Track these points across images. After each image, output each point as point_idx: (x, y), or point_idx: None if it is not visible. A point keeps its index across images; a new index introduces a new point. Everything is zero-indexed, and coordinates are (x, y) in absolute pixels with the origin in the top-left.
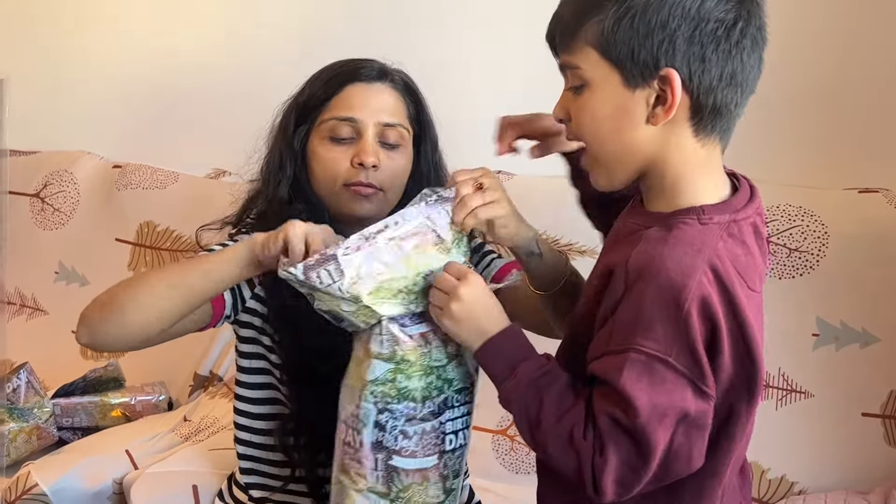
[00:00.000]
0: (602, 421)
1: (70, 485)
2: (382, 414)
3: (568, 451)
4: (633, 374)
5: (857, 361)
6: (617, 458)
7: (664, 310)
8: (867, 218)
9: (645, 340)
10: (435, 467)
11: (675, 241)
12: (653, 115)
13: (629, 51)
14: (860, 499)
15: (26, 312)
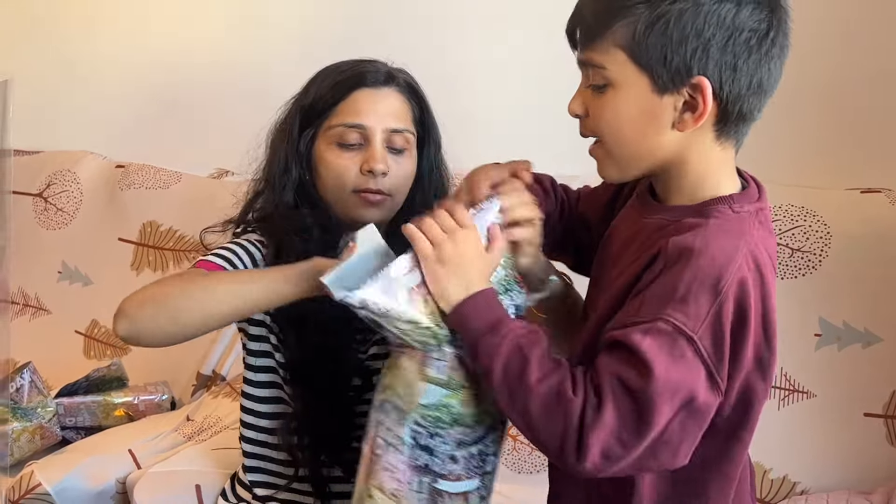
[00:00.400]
0: (607, 380)
1: (73, 484)
2: (433, 438)
3: (553, 410)
4: (655, 342)
5: (859, 361)
6: (613, 419)
7: (702, 288)
8: (869, 218)
9: (675, 312)
10: (476, 490)
11: (717, 226)
12: (680, 120)
13: (661, 56)
14: (862, 499)
15: (29, 312)
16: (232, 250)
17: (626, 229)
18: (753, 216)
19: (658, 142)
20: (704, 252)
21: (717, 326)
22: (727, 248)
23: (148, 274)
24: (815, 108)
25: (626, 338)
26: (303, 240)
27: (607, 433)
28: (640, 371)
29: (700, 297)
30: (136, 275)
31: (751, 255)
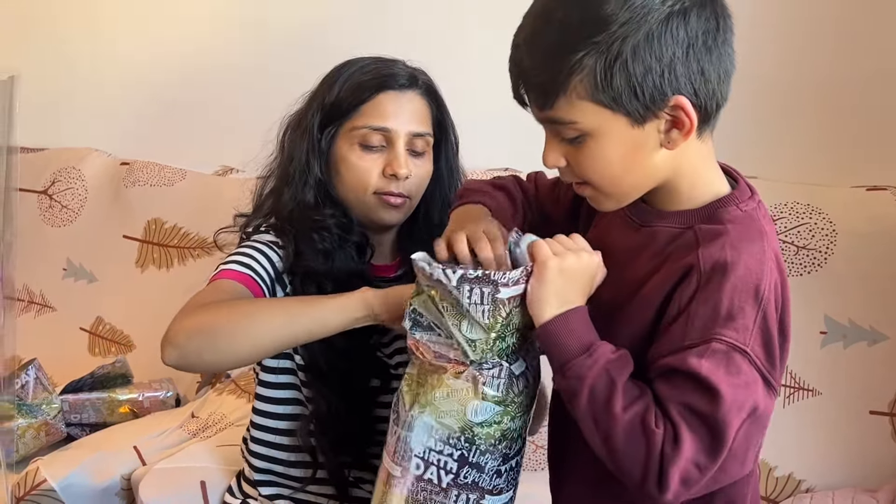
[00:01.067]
0: (676, 410)
1: (78, 480)
2: (483, 455)
3: (637, 440)
4: (713, 363)
5: (864, 359)
6: (692, 448)
7: (745, 300)
8: (875, 215)
9: (726, 330)
10: (511, 500)
11: (737, 232)
12: (668, 140)
13: (631, 93)
14: (868, 497)
15: (34, 309)
16: (251, 256)
17: (623, 237)
18: (758, 211)
19: (651, 166)
20: (738, 263)
21: (764, 332)
22: (756, 253)
23: (152, 271)
24: (820, 106)
25: (684, 364)
26: (321, 238)
27: (686, 462)
28: (707, 396)
29: (745, 308)
30: (140, 272)
31: (773, 255)
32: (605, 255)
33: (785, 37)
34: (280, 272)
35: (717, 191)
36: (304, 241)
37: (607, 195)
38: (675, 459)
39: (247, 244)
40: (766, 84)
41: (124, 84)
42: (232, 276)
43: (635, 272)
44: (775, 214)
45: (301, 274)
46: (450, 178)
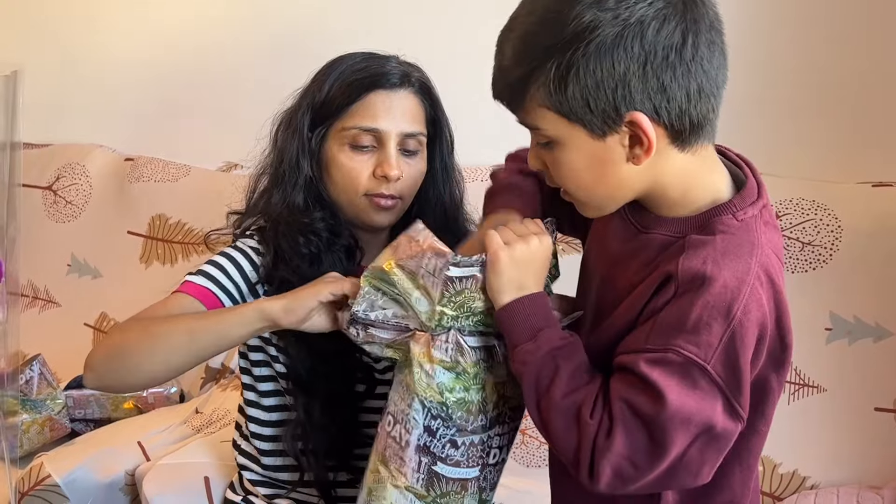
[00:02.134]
0: (618, 406)
1: (83, 476)
2: (435, 420)
3: (571, 427)
4: (665, 372)
5: (870, 356)
6: (624, 445)
7: (713, 316)
8: (881, 212)
9: (686, 344)
10: (475, 479)
11: (724, 244)
12: (633, 156)
13: (584, 105)
14: (873, 493)
15: (39, 304)
16: (220, 266)
17: (621, 240)
18: (758, 219)
19: (621, 179)
20: (716, 279)
21: (730, 352)
22: (739, 270)
23: (157, 267)
24: (826, 102)
25: (635, 365)
26: (308, 242)
27: (618, 458)
28: (651, 397)
29: (712, 325)
30: (144, 268)
31: (763, 271)
32: (603, 253)
33: (792, 34)
34: (255, 282)
35: (715, 196)
36: (289, 245)
37: (583, 204)
38: (605, 453)
39: (224, 252)
40: (773, 80)
41: (128, 80)
42: (191, 290)
43: (627, 278)
44: (780, 210)
45: (277, 283)
46: (445, 177)
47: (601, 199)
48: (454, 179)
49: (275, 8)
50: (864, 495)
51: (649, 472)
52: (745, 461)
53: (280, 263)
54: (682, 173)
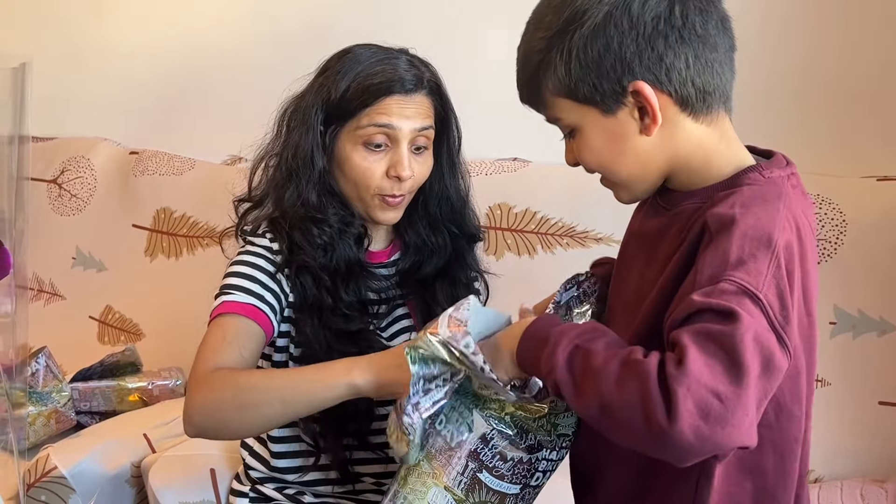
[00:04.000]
0: (685, 337)
1: (89, 468)
2: (492, 431)
3: (627, 377)
4: (724, 297)
5: (874, 350)
6: (702, 369)
7: (755, 248)
8: (886, 206)
9: (736, 272)
10: (514, 496)
11: (751, 192)
12: (644, 127)
13: (591, 86)
14: (877, 487)
15: (44, 298)
16: (245, 275)
17: (652, 222)
18: (786, 180)
19: (639, 154)
20: (746, 215)
21: (779, 282)
22: (768, 209)
23: (161, 260)
24: (831, 96)
25: (692, 305)
26: (321, 233)
27: (698, 384)
28: (721, 318)
29: (756, 255)
30: (149, 261)
31: (792, 218)
32: (640, 242)
33: (796, 28)
34: (274, 272)
35: (739, 164)
36: (303, 236)
37: (615, 185)
38: (682, 381)
39: (240, 259)
40: (777, 74)
41: (133, 73)
42: (235, 309)
43: (664, 251)
44: None
45: (295, 268)
46: (451, 172)
47: (628, 178)
48: (461, 175)
49: (280, 1)
50: (868, 489)
51: (733, 402)
52: (778, 445)
53: (296, 250)
54: (699, 144)
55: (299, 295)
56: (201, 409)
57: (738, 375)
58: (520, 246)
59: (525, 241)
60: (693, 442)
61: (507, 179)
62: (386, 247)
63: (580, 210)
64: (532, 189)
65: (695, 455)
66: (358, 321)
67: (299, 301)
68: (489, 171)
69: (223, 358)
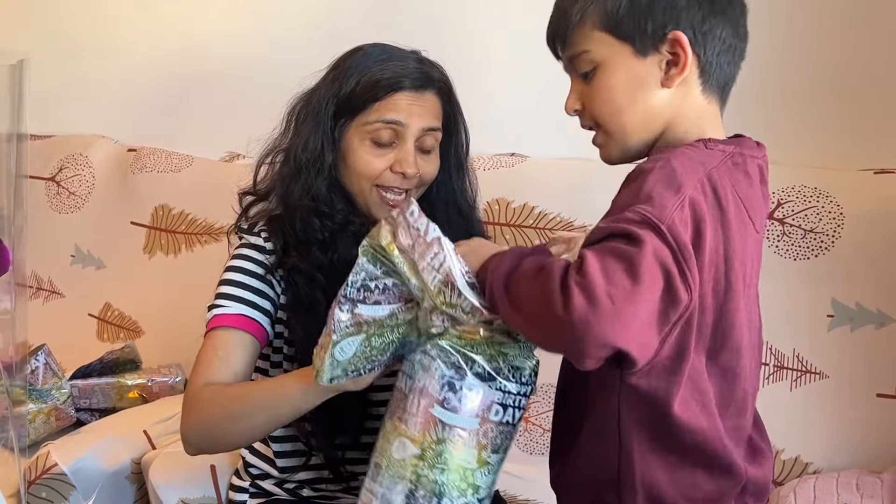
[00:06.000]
0: (589, 251)
1: (89, 464)
2: (436, 363)
3: (537, 277)
4: (628, 223)
5: (872, 342)
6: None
7: (664, 187)
8: (883, 199)
9: (643, 205)
10: (474, 431)
11: (679, 153)
12: (666, 77)
13: (636, 23)
14: (873, 478)
15: (43, 295)
16: (238, 283)
17: None
18: (727, 155)
19: (651, 103)
20: (664, 167)
21: (683, 224)
22: (686, 166)
23: (160, 257)
24: (828, 89)
25: (597, 231)
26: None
27: (592, 283)
28: (628, 239)
29: (664, 193)
30: (148, 258)
31: (708, 182)
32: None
33: (792, 20)
34: (266, 274)
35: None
36: (304, 229)
37: (612, 137)
38: (577, 278)
39: (235, 263)
40: (773, 67)
41: (131, 70)
42: (227, 322)
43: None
44: (782, 198)
45: (287, 269)
46: (459, 176)
47: (628, 129)
48: (468, 179)
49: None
50: (864, 479)
51: (623, 303)
52: (700, 398)
53: (291, 251)
54: (697, 115)
55: (293, 294)
56: (195, 428)
57: (633, 280)
58: (518, 241)
59: (523, 237)
60: (582, 330)
61: (505, 175)
62: None
63: (578, 205)
64: (530, 184)
65: (588, 347)
66: None
67: (293, 301)
68: (487, 166)
69: (214, 374)
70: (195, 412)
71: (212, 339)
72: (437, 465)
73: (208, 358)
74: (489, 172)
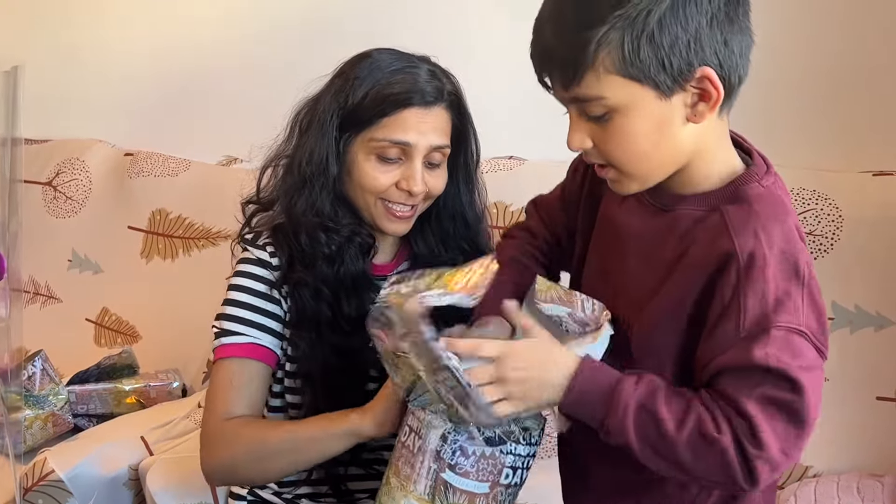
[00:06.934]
0: (752, 403)
1: (86, 471)
2: (447, 424)
3: (706, 452)
4: (776, 349)
5: (871, 345)
6: (774, 438)
7: (788, 281)
8: (882, 201)
9: (779, 315)
10: (484, 495)
11: (764, 211)
12: (694, 113)
13: (659, 65)
14: (874, 481)
15: (40, 300)
16: (242, 303)
17: (644, 222)
18: (777, 185)
19: (675, 144)
20: (773, 247)
21: (812, 307)
22: (787, 232)
23: (157, 262)
24: (827, 91)
25: (750, 358)
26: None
27: (773, 452)
28: (787, 385)
29: (791, 290)
30: (145, 263)
31: (797, 228)
32: (624, 240)
33: (792, 22)
34: (271, 291)
35: (733, 169)
36: (310, 243)
37: (631, 176)
38: (760, 453)
39: (240, 281)
40: (774, 69)
41: (128, 74)
42: (236, 352)
43: (663, 256)
44: None
45: (293, 284)
46: (468, 188)
47: (653, 167)
48: (477, 191)
49: (277, 1)
50: (865, 483)
51: (796, 455)
52: None
53: (296, 264)
54: (716, 138)
55: (297, 308)
56: (219, 467)
57: (801, 429)
58: None
59: None
60: (761, 486)
61: (502, 178)
62: (391, 259)
63: None
64: (528, 188)
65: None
66: (357, 338)
67: (296, 316)
68: (485, 169)
69: (231, 408)
70: (217, 449)
71: (224, 371)
72: None
73: (223, 390)
74: (487, 176)
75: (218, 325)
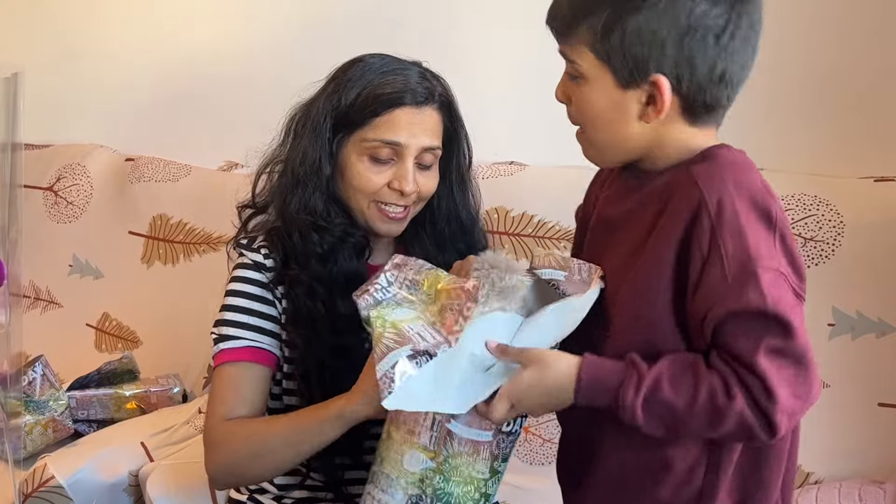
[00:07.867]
0: (763, 361)
1: (86, 477)
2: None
3: (723, 420)
4: (768, 289)
5: (873, 351)
6: (786, 389)
7: (759, 223)
8: (883, 207)
9: (760, 258)
10: (488, 443)
11: (731, 166)
12: (644, 113)
13: (621, 55)
14: (876, 488)
15: (41, 305)
16: (239, 308)
17: (622, 202)
18: (745, 156)
19: (628, 132)
20: (741, 195)
21: (785, 251)
22: (752, 182)
23: (158, 267)
24: (828, 97)
25: (746, 303)
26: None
27: (787, 401)
28: (782, 330)
29: (765, 233)
30: (146, 268)
31: (766, 186)
32: (613, 229)
33: (793, 27)
34: (267, 293)
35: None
36: (303, 243)
37: (590, 142)
38: (775, 406)
39: (236, 286)
40: (774, 75)
41: (129, 80)
42: (235, 356)
43: (639, 225)
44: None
45: (288, 282)
46: (461, 190)
47: (605, 145)
48: (470, 192)
49: (276, 7)
50: (867, 489)
51: (809, 390)
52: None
53: (291, 263)
54: (683, 141)
55: (293, 307)
56: (222, 467)
57: (807, 373)
58: (517, 249)
59: (522, 245)
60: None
61: (504, 183)
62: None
63: None
64: (529, 192)
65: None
66: (351, 336)
67: (292, 314)
68: (486, 174)
69: (231, 410)
70: (218, 451)
71: (224, 375)
72: (454, 478)
73: (223, 394)
74: (488, 181)
75: (216, 332)
